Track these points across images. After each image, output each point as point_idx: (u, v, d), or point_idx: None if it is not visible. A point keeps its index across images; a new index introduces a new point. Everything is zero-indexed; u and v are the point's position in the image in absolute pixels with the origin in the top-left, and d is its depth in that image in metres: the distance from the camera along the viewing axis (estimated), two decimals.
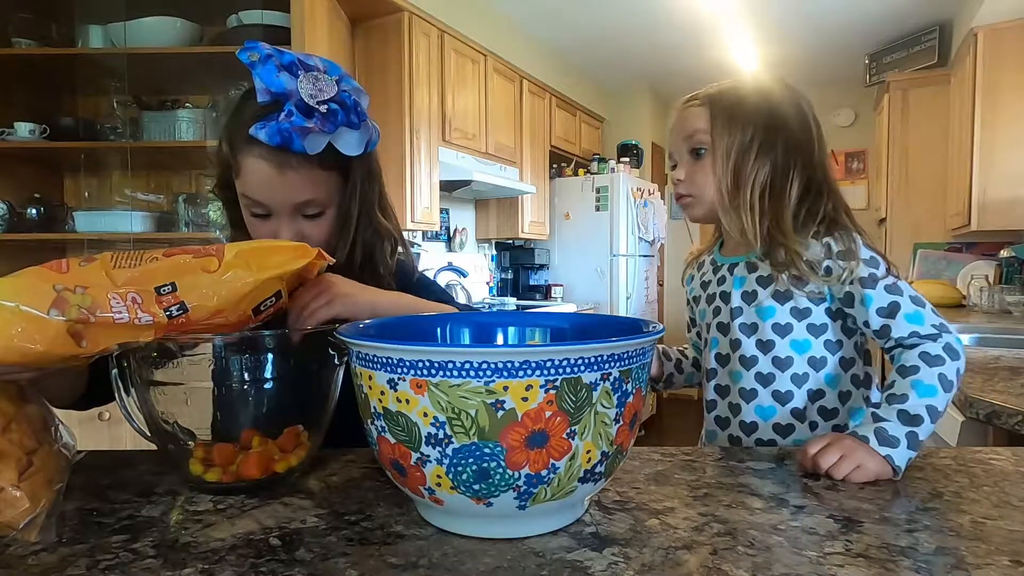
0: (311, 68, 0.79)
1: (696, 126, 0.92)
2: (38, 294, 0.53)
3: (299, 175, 0.80)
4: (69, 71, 2.32)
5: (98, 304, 0.54)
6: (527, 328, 0.72)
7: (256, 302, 0.62)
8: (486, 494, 0.49)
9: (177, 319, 0.57)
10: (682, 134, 0.94)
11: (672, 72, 4.79)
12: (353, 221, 0.88)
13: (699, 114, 0.92)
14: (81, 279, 0.55)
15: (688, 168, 0.93)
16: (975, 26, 3.10)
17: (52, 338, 0.53)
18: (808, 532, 0.54)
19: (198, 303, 0.58)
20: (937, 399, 0.75)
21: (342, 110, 0.79)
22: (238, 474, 0.63)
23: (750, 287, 0.92)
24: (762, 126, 0.89)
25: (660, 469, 0.70)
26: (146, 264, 0.58)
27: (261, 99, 0.78)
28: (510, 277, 4.35)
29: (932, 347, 0.79)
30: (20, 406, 0.58)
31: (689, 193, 0.94)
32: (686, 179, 0.93)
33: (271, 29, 2.14)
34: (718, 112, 0.91)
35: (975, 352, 1.68)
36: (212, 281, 0.59)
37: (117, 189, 2.38)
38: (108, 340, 0.56)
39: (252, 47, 0.78)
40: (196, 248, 0.61)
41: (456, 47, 3.17)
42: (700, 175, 0.92)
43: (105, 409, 0.81)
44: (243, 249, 0.62)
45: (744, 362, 0.92)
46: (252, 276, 0.60)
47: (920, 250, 3.66)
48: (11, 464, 0.53)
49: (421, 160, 2.90)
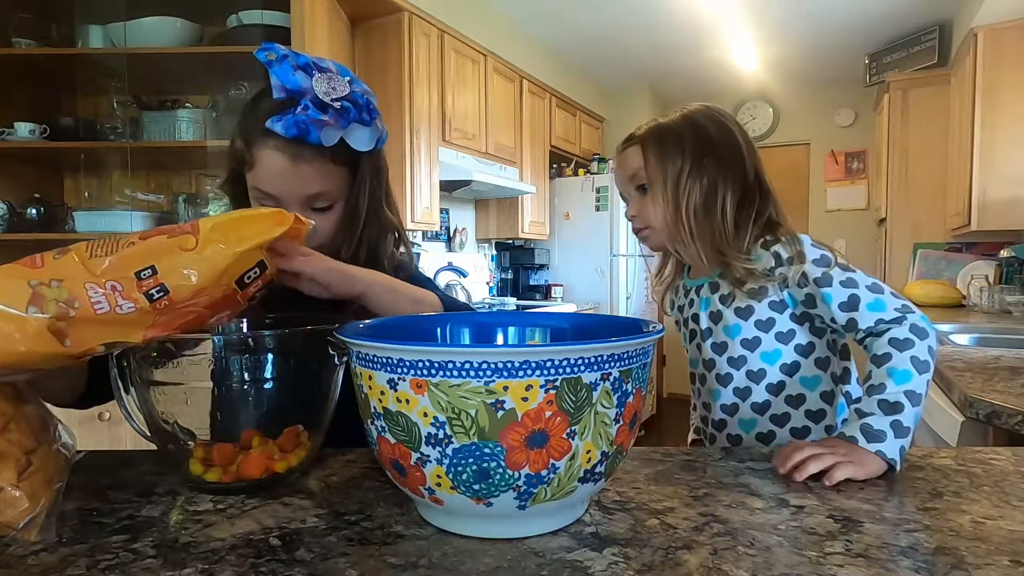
0: (325, 69, 0.82)
1: (634, 165, 0.96)
2: (14, 292, 0.52)
3: (312, 167, 0.83)
4: (69, 71, 2.32)
5: (75, 296, 0.53)
6: (527, 328, 0.72)
7: (237, 274, 0.61)
8: (486, 494, 0.49)
9: (159, 301, 0.56)
10: (625, 175, 0.99)
11: (672, 72, 4.79)
12: (361, 216, 0.90)
13: (634, 153, 0.97)
14: (56, 272, 0.54)
15: (637, 204, 0.98)
16: (975, 26, 3.10)
17: (33, 337, 0.52)
18: (808, 532, 0.54)
19: (178, 283, 0.56)
20: (913, 383, 0.76)
21: (354, 108, 0.82)
22: (238, 474, 0.63)
23: (715, 307, 0.96)
24: (689, 152, 0.93)
25: (660, 469, 0.70)
26: (123, 250, 0.56)
27: (277, 96, 0.80)
28: (510, 277, 4.35)
29: (899, 331, 0.80)
30: (18, 406, 0.58)
31: (645, 226, 0.98)
32: (638, 214, 0.98)
33: (271, 29, 2.14)
34: (649, 149, 0.95)
35: (975, 352, 1.68)
36: (191, 259, 0.57)
37: (117, 189, 2.38)
38: (93, 338, 0.55)
39: (269, 47, 0.81)
40: (171, 227, 0.59)
41: (456, 47, 3.17)
42: (648, 209, 0.96)
43: (105, 409, 0.81)
44: (220, 222, 0.60)
45: (720, 380, 0.96)
46: (231, 248, 0.59)
47: (920, 250, 3.66)
48: (10, 464, 0.53)
49: (421, 160, 2.90)
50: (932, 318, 0.86)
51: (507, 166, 3.72)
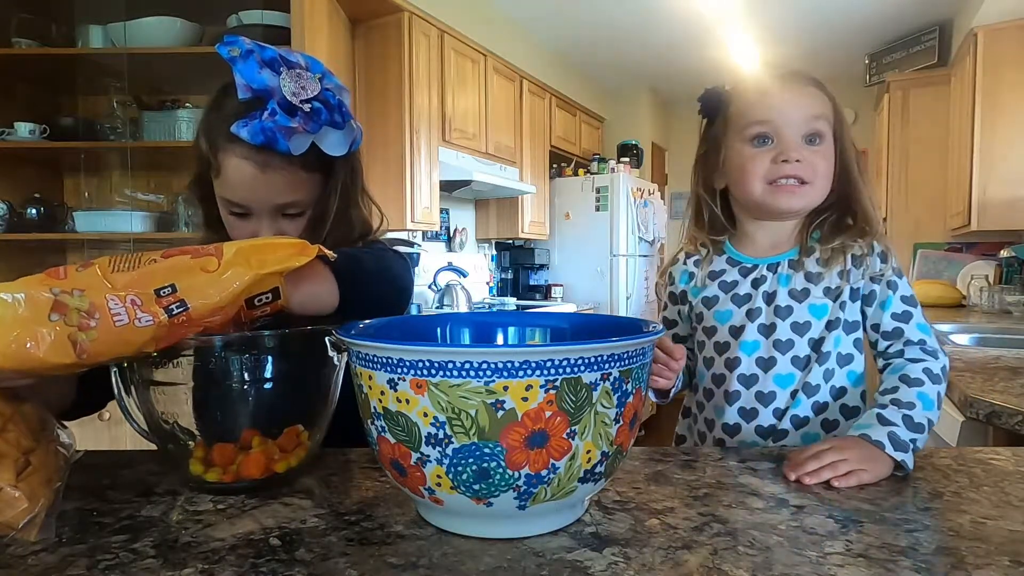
0: (293, 64, 0.77)
1: (817, 109, 0.87)
2: (36, 299, 0.52)
3: (282, 176, 0.79)
4: (69, 71, 2.32)
5: (96, 306, 0.54)
6: (527, 328, 0.72)
7: (251, 294, 0.61)
8: (486, 494, 0.49)
9: (178, 316, 0.57)
10: (802, 115, 0.86)
11: (672, 72, 4.79)
12: (328, 219, 0.86)
13: (818, 96, 0.88)
14: (78, 283, 0.55)
15: (806, 152, 0.86)
16: (975, 26, 3.10)
17: (52, 344, 0.52)
18: (808, 532, 0.54)
19: (199, 302, 0.57)
20: (933, 414, 0.77)
21: (325, 109, 0.77)
22: (238, 474, 0.63)
23: (798, 284, 0.90)
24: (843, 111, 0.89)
25: (660, 469, 0.70)
26: (144, 266, 0.57)
27: (242, 95, 0.75)
28: (510, 277, 4.35)
29: (934, 365, 0.83)
30: (16, 406, 0.58)
31: (810, 179, 0.86)
32: (804, 162, 0.86)
33: (271, 29, 2.14)
34: (832, 96, 0.88)
35: (975, 352, 1.68)
36: (211, 280, 0.58)
37: (117, 189, 2.38)
38: (108, 350, 0.55)
39: (232, 42, 0.75)
40: (194, 248, 0.60)
41: (456, 47, 3.17)
42: (819, 160, 0.87)
43: (105, 409, 0.80)
44: (243, 247, 0.61)
45: (796, 363, 0.90)
46: (251, 272, 0.60)
47: (920, 250, 3.66)
48: (8, 464, 0.53)
49: (421, 160, 2.90)
50: (932, 318, 0.88)
51: (507, 166, 3.72)
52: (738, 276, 0.95)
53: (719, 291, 0.96)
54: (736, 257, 0.97)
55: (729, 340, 0.94)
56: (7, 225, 2.18)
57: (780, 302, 0.91)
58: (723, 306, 0.95)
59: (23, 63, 2.20)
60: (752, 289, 0.93)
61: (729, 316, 0.94)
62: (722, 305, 0.95)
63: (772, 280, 0.92)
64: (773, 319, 0.91)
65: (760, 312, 0.92)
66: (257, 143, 0.74)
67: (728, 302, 0.95)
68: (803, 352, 0.90)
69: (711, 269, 0.98)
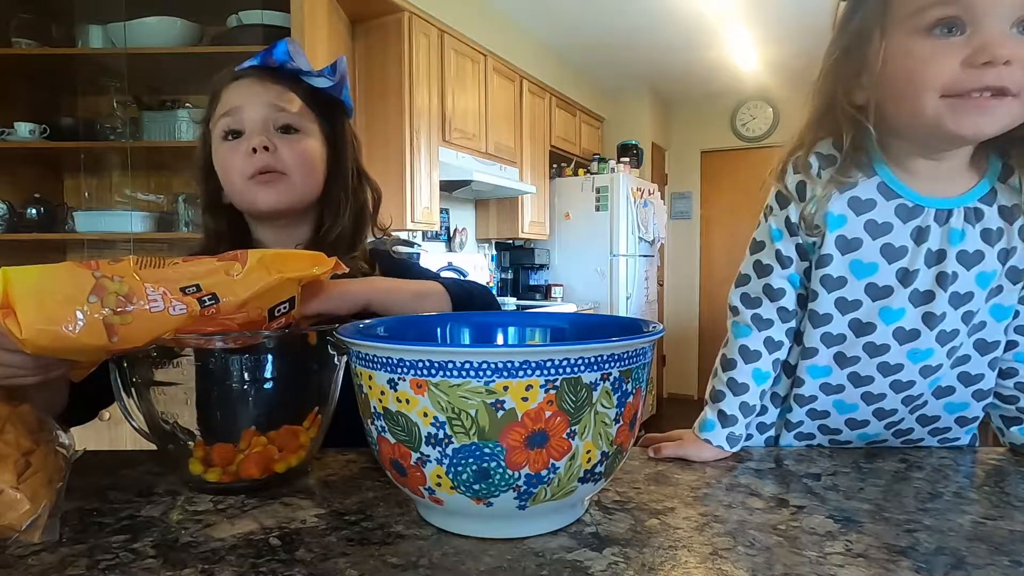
0: None
1: None
2: (78, 279, 0.54)
3: (278, 87, 0.87)
4: (69, 71, 2.32)
5: (135, 291, 0.55)
6: (527, 328, 0.72)
7: (274, 301, 0.63)
8: (486, 494, 0.49)
9: (209, 308, 0.58)
10: None
11: (672, 72, 4.79)
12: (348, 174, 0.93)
13: None
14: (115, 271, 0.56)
15: (1017, 47, 0.58)
16: None
17: (88, 326, 0.53)
18: (808, 532, 0.54)
19: (227, 298, 0.59)
20: None
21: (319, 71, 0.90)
22: (238, 474, 0.63)
23: (972, 245, 0.67)
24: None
25: (660, 469, 0.70)
26: (169, 268, 0.59)
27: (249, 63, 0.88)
28: (510, 277, 4.35)
29: None
30: (13, 407, 0.58)
31: (1012, 89, 0.59)
32: (1015, 64, 0.58)
33: (271, 29, 2.14)
34: None
35: None
36: (235, 281, 0.60)
37: (117, 189, 2.39)
38: (140, 336, 0.56)
39: None
40: (220, 255, 0.63)
41: (456, 47, 3.17)
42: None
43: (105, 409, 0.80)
44: (266, 255, 0.64)
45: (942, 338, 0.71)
46: (273, 274, 0.62)
47: None
48: (8, 466, 0.53)
49: (421, 160, 2.90)
50: None
51: (507, 166, 3.72)
52: (893, 217, 0.69)
53: (864, 233, 0.70)
54: (895, 188, 0.69)
55: (862, 299, 0.71)
56: (7, 225, 2.18)
57: (947, 267, 0.68)
58: (868, 255, 0.70)
59: (23, 63, 2.20)
60: (912, 242, 0.69)
61: (872, 271, 0.70)
62: (866, 254, 0.70)
63: (940, 235, 0.68)
64: (932, 287, 0.69)
65: (917, 276, 0.69)
66: (258, 62, 0.87)
67: (876, 252, 0.70)
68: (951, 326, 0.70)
69: (853, 195, 0.70)
